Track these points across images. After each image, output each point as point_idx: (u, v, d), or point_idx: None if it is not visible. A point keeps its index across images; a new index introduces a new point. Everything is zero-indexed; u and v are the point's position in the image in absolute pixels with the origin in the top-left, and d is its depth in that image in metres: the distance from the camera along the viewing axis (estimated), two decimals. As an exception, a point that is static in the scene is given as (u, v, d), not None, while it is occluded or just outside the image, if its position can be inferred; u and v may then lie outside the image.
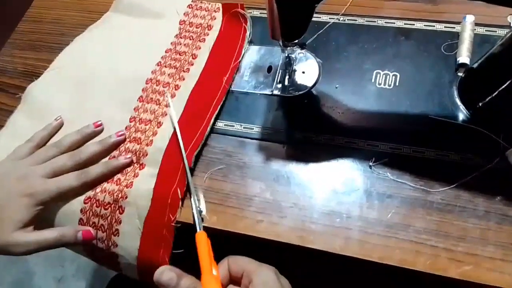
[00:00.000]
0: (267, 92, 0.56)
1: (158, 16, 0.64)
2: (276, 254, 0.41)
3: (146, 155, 0.51)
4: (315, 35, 0.58)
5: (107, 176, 0.50)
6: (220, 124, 0.54)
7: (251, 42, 0.60)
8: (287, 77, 0.56)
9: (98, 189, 0.49)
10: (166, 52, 0.60)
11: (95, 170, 0.49)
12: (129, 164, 0.51)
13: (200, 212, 0.47)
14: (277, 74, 0.57)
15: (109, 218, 0.48)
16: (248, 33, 0.60)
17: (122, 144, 0.52)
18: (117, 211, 0.48)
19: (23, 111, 0.58)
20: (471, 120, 0.49)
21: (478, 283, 0.41)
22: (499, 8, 0.40)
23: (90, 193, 0.49)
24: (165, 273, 0.37)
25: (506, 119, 0.48)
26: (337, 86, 0.54)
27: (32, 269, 1.27)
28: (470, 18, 0.55)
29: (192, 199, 0.48)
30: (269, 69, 0.57)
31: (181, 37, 0.61)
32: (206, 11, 0.63)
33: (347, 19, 0.59)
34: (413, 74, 0.53)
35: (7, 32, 0.70)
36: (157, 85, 0.56)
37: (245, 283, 0.37)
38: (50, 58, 0.64)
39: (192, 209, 0.47)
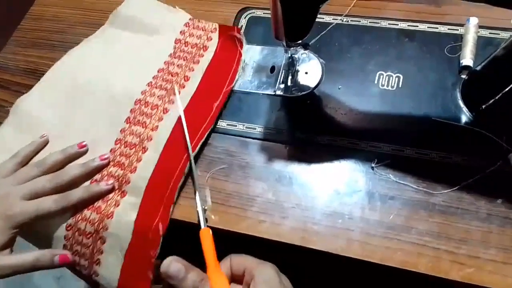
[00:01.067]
0: (270, 92, 0.55)
1: (154, 33, 0.62)
2: (278, 255, 0.41)
3: (129, 182, 0.49)
4: (319, 36, 0.58)
5: (87, 201, 0.48)
6: (223, 124, 0.54)
7: (250, 43, 0.60)
8: (290, 77, 0.56)
9: (79, 217, 0.48)
10: (158, 72, 0.58)
11: (75, 195, 0.48)
12: (110, 191, 0.49)
13: (204, 210, 0.47)
14: (280, 74, 0.56)
15: (91, 247, 0.48)
16: (243, 58, 0.58)
17: (105, 168, 0.51)
18: (99, 241, 0.47)
19: (11, 124, 0.56)
20: (474, 123, 0.49)
21: (480, 286, 0.41)
22: (502, 10, 0.40)
23: (71, 221, 0.48)
24: (173, 264, 0.36)
25: (509, 121, 0.48)
26: (340, 87, 0.54)
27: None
28: (473, 21, 0.54)
29: (196, 196, 0.48)
30: (272, 69, 0.57)
31: (175, 57, 0.59)
32: (203, 30, 0.61)
33: (351, 20, 0.59)
34: (416, 75, 0.53)
35: (9, 30, 0.69)
36: (145, 107, 0.54)
37: (247, 281, 0.37)
38: (52, 56, 0.64)
39: (196, 206, 0.47)
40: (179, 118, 0.53)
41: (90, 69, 0.59)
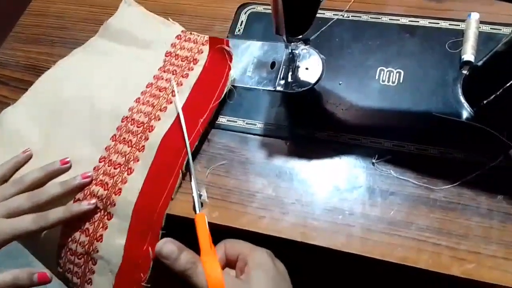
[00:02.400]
0: (270, 88, 0.55)
1: (145, 46, 0.60)
2: (278, 251, 0.41)
3: (114, 205, 0.48)
4: (319, 31, 0.58)
5: (67, 221, 0.47)
6: (223, 120, 0.54)
7: (250, 39, 0.60)
8: (290, 73, 0.56)
9: (69, 239, 0.48)
10: (147, 86, 0.56)
11: (54, 215, 0.46)
12: (93, 211, 0.48)
13: (200, 195, 0.47)
14: (280, 70, 0.56)
15: (82, 267, 0.48)
16: (232, 71, 0.56)
17: (88, 187, 0.49)
18: (90, 262, 0.47)
19: None
20: (475, 118, 0.49)
21: (481, 281, 0.41)
22: (504, 6, 0.40)
23: (62, 241, 0.48)
24: (166, 245, 0.37)
25: (510, 117, 0.48)
26: (340, 82, 0.54)
27: (31, 264, 1.27)
28: (475, 16, 0.54)
29: (192, 182, 0.48)
30: (273, 65, 0.57)
31: (164, 71, 0.57)
32: (194, 43, 0.59)
33: (351, 16, 0.59)
34: (417, 71, 0.53)
35: (9, 25, 0.69)
36: (131, 124, 0.53)
37: (240, 266, 0.37)
38: (52, 52, 0.64)
39: (192, 192, 0.47)
40: (164, 137, 0.51)
41: (77, 82, 0.58)
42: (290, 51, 0.55)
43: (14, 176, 0.51)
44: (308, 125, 0.52)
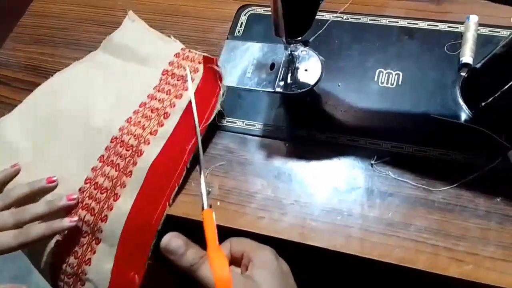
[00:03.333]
0: (270, 89, 0.55)
1: (144, 63, 0.59)
2: (276, 251, 0.41)
3: (101, 231, 0.48)
4: (318, 33, 0.58)
5: (48, 237, 0.47)
6: (223, 121, 0.54)
7: (249, 40, 0.60)
8: (289, 74, 0.56)
9: (60, 259, 0.49)
10: (140, 106, 0.54)
11: (35, 231, 0.45)
12: (81, 234, 0.48)
13: (208, 192, 0.47)
14: (279, 71, 0.56)
15: (72, 286, 0.49)
16: (222, 91, 0.54)
17: (74, 210, 0.48)
18: (79, 283, 0.48)
19: None
20: (474, 120, 0.49)
21: (478, 283, 0.41)
22: (503, 8, 0.41)
23: (53, 260, 0.49)
24: (173, 240, 0.36)
25: (508, 119, 0.48)
26: (339, 84, 0.54)
27: (31, 265, 1.27)
28: (474, 18, 0.54)
29: (201, 178, 0.48)
30: (272, 66, 0.57)
31: (159, 90, 0.56)
32: (191, 61, 0.58)
33: (351, 18, 0.59)
34: (416, 73, 0.53)
35: (10, 26, 0.69)
36: (120, 146, 0.51)
37: (245, 263, 0.37)
38: (53, 52, 0.65)
39: (200, 188, 0.47)
40: (153, 163, 0.49)
41: (73, 95, 0.57)
42: (289, 52, 0.55)
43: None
44: (307, 127, 0.52)
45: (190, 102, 0.53)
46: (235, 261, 0.39)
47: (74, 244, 0.49)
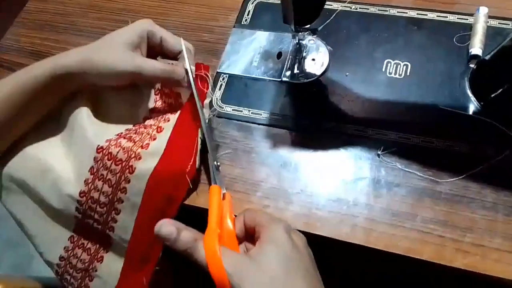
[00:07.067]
0: (276, 78, 0.55)
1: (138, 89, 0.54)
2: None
3: (102, 261, 0.49)
4: (326, 23, 0.57)
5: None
6: (228, 109, 0.54)
7: (256, 28, 0.59)
8: (297, 64, 0.56)
9: (71, 254, 0.49)
10: (134, 126, 0.51)
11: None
12: (90, 225, 0.48)
13: (218, 167, 0.46)
14: (287, 60, 0.56)
15: (79, 281, 0.50)
16: (208, 100, 0.50)
17: (83, 222, 0.48)
18: (87, 278, 0.49)
19: None
20: (482, 112, 0.49)
21: (485, 274, 0.41)
22: (513, 0, 0.40)
23: (63, 253, 0.50)
24: (164, 227, 0.35)
25: (517, 111, 0.48)
26: (347, 74, 0.54)
27: (31, 253, 1.27)
28: (483, 10, 0.54)
29: (209, 154, 0.47)
30: (279, 55, 0.57)
31: (154, 111, 0.53)
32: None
33: (359, 7, 0.59)
34: (425, 64, 0.53)
35: (15, 11, 0.69)
36: (108, 159, 0.46)
37: (256, 239, 0.36)
38: (57, 38, 0.64)
39: (209, 164, 0.46)
40: (149, 182, 0.45)
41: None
42: (297, 41, 0.55)
43: None
44: (313, 116, 0.52)
45: (181, 114, 0.49)
46: (250, 235, 0.37)
47: (88, 241, 0.50)
